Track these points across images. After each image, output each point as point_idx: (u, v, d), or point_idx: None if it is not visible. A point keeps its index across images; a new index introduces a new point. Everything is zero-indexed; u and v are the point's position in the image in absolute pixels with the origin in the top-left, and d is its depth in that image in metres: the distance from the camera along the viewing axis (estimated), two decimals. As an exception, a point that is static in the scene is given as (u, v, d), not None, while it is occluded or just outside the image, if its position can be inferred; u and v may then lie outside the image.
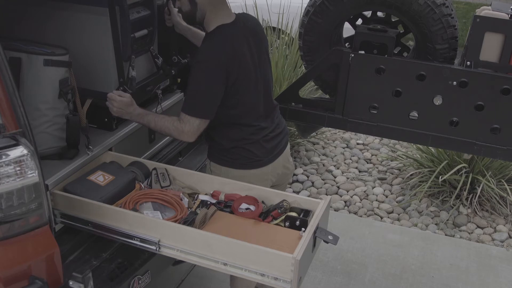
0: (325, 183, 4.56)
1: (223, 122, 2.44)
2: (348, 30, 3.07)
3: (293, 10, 5.28)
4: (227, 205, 2.27)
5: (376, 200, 4.35)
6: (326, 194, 4.40)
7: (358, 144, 5.21)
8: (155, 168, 2.47)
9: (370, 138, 5.27)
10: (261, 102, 2.51)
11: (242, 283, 2.65)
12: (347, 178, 4.63)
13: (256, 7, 5.33)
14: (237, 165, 2.49)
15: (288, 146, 2.69)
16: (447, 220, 4.07)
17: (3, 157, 1.73)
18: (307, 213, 2.17)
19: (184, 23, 2.75)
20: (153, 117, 2.45)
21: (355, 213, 4.20)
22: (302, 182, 4.56)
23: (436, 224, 4.04)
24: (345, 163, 4.90)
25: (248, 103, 2.45)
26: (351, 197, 4.38)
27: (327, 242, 2.03)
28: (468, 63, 2.69)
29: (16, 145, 1.76)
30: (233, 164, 2.49)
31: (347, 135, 5.34)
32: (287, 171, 2.71)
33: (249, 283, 2.65)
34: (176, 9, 2.70)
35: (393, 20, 3.00)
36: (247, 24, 2.49)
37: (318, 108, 3.07)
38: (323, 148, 5.12)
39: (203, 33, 2.66)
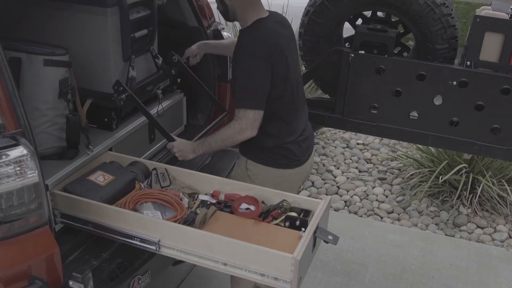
0: (325, 183, 4.56)
1: (266, 118, 2.42)
2: (348, 30, 3.07)
3: (293, 10, 5.29)
4: (227, 205, 2.27)
5: (376, 200, 4.35)
6: (326, 194, 4.40)
7: (358, 144, 5.21)
8: (155, 168, 2.47)
9: (370, 138, 5.27)
10: (296, 99, 2.54)
11: (242, 282, 2.65)
12: (347, 178, 4.63)
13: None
14: (278, 164, 2.51)
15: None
16: (447, 220, 4.07)
17: (3, 157, 1.73)
18: (307, 213, 2.17)
19: (202, 52, 3.07)
20: (210, 137, 2.50)
21: (355, 213, 4.19)
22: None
23: (436, 224, 4.04)
24: (345, 163, 4.90)
25: (288, 98, 2.48)
26: (351, 197, 4.38)
27: (327, 242, 2.03)
28: (468, 63, 2.69)
29: (16, 145, 1.76)
30: (274, 163, 2.50)
31: (347, 135, 5.34)
32: (311, 170, 2.78)
33: (249, 282, 2.65)
34: (192, 56, 3.04)
35: (393, 20, 3.00)
36: (278, 19, 2.52)
37: (318, 108, 3.07)
38: (323, 148, 5.12)
39: (226, 41, 3.00)
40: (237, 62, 2.38)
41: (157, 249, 2.06)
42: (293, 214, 2.16)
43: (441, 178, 4.10)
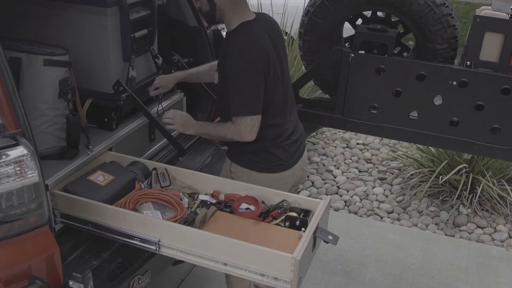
0: (325, 183, 4.56)
1: None
2: (348, 30, 3.07)
3: (293, 10, 5.29)
4: (227, 205, 2.27)
5: (376, 200, 4.35)
6: (326, 194, 4.40)
7: (358, 144, 5.21)
8: (155, 168, 2.47)
9: (370, 138, 5.27)
10: (284, 102, 2.49)
11: (237, 279, 2.65)
12: (347, 178, 4.63)
13: (260, 7, 5.33)
14: (261, 168, 2.46)
15: (306, 149, 2.67)
16: (447, 220, 4.07)
17: (3, 157, 1.73)
18: (307, 213, 2.17)
19: (173, 83, 2.91)
20: (212, 125, 2.52)
21: (355, 213, 4.19)
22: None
23: (436, 224, 4.04)
24: (345, 163, 4.90)
25: (277, 102, 2.43)
26: (351, 197, 4.38)
27: (327, 242, 2.03)
28: (468, 63, 2.69)
29: (16, 145, 1.76)
30: (256, 167, 2.46)
31: (347, 135, 5.34)
32: (304, 174, 2.69)
33: (243, 283, 2.65)
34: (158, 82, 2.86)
35: (393, 20, 3.00)
36: (266, 21, 2.49)
37: (318, 108, 3.07)
38: (323, 148, 5.12)
39: (204, 66, 2.84)
40: (228, 67, 2.32)
41: (157, 249, 2.06)
42: (293, 214, 2.16)
43: (441, 178, 4.10)
